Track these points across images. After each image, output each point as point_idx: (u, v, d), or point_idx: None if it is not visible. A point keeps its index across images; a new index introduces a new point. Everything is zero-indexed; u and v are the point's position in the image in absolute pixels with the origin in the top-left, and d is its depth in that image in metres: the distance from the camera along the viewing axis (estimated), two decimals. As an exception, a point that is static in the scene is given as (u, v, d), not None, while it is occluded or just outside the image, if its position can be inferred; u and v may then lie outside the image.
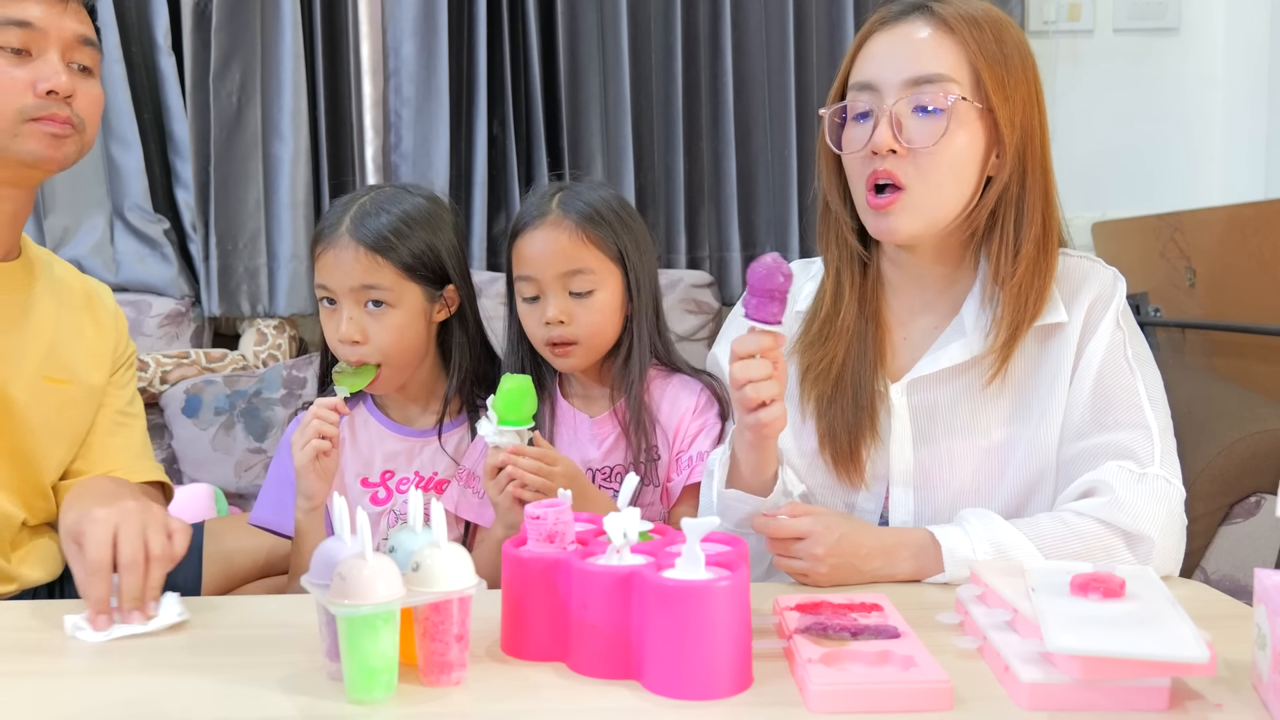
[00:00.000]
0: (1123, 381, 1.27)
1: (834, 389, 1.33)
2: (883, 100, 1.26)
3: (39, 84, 1.34)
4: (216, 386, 2.27)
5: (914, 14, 1.28)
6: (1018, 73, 1.26)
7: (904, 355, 1.36)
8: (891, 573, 1.22)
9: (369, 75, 2.54)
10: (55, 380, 1.47)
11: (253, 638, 1.09)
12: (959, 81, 1.25)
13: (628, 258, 1.50)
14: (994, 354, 1.28)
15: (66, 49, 1.38)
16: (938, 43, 1.26)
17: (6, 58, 1.34)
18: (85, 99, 1.39)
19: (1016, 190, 1.28)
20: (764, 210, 2.65)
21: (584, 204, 1.49)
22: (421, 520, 1.01)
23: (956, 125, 1.24)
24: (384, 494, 1.57)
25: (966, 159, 1.26)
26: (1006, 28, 1.28)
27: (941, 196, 1.26)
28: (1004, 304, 1.28)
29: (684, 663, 0.91)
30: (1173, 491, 1.24)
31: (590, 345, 1.50)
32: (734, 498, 1.28)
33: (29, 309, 1.47)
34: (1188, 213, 2.38)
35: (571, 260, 1.47)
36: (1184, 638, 0.87)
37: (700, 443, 1.52)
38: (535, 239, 1.49)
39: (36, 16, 1.35)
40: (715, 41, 2.60)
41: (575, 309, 1.48)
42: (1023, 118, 1.27)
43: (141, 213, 2.44)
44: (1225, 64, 2.80)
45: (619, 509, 0.99)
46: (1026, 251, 1.27)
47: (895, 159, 1.24)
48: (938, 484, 1.31)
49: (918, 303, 1.36)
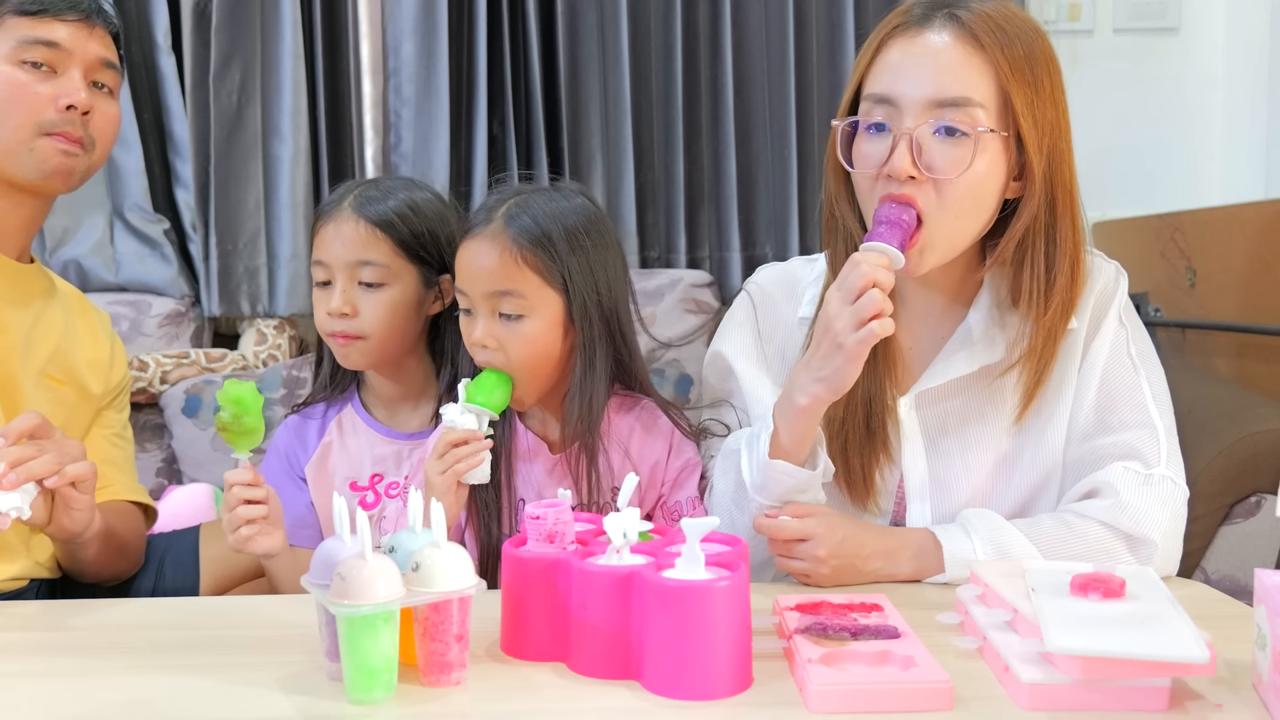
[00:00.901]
0: (1127, 380, 1.26)
1: (844, 411, 1.28)
2: (902, 119, 1.17)
3: (60, 99, 1.41)
4: (216, 387, 2.27)
5: (939, 20, 1.19)
6: (1046, 93, 1.19)
7: (912, 365, 1.32)
8: (893, 573, 1.21)
9: (369, 75, 2.53)
10: (55, 380, 1.51)
11: (253, 638, 1.09)
12: (986, 106, 1.17)
13: (571, 283, 1.35)
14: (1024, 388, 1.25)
15: (89, 69, 1.45)
16: (965, 59, 1.17)
17: (31, 73, 1.42)
18: (102, 117, 1.46)
19: (1046, 219, 1.21)
20: (764, 210, 2.64)
21: (530, 220, 1.34)
22: (421, 520, 1.01)
23: (980, 152, 1.16)
24: (372, 498, 1.56)
25: (988, 187, 1.19)
26: (1036, 40, 1.20)
27: (961, 226, 1.20)
28: (1039, 337, 1.23)
29: (684, 663, 0.91)
30: (1178, 493, 1.23)
31: (523, 379, 1.36)
32: (780, 469, 1.20)
33: (43, 311, 1.52)
34: (1188, 213, 2.38)
35: (499, 281, 1.33)
36: (1184, 638, 0.87)
37: (688, 487, 1.42)
38: (469, 250, 1.36)
39: (63, 37, 1.43)
40: (715, 41, 2.60)
41: (503, 334, 1.34)
42: (1050, 141, 1.19)
43: (141, 213, 2.44)
44: (1225, 64, 2.80)
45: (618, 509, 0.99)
46: (1060, 285, 1.22)
47: (913, 184, 1.17)
48: (952, 494, 1.29)
49: (924, 312, 1.32)
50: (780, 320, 1.40)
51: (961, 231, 1.21)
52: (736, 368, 1.40)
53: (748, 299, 1.44)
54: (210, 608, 1.18)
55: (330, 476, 1.57)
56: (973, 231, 1.22)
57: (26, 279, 1.52)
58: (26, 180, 1.43)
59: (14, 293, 1.49)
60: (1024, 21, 1.21)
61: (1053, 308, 1.23)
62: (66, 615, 1.21)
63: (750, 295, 1.44)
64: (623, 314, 1.42)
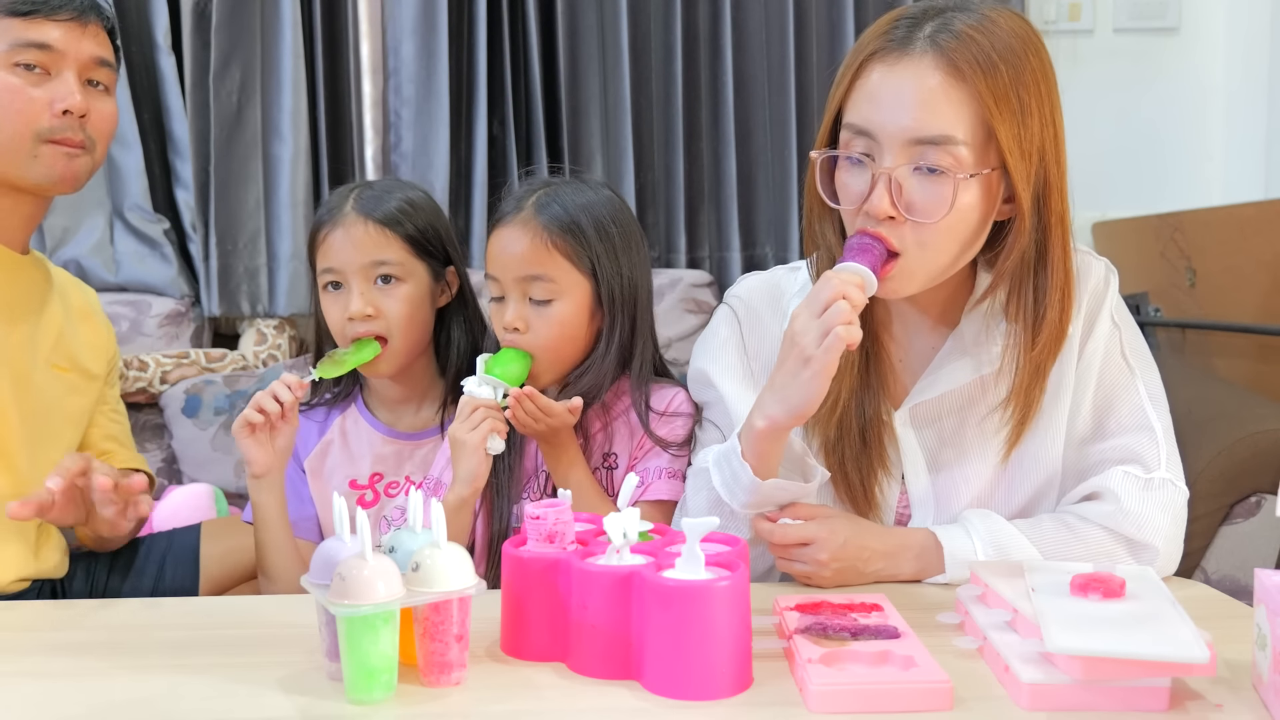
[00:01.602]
0: (1123, 382, 1.25)
1: (840, 427, 1.25)
2: (882, 156, 1.13)
3: (55, 104, 1.40)
4: (216, 386, 2.27)
5: (919, 50, 1.12)
6: (1034, 121, 1.12)
7: (904, 378, 1.30)
8: (894, 573, 1.21)
9: (369, 75, 2.54)
10: (60, 369, 1.54)
11: (253, 638, 1.09)
12: (968, 143, 1.11)
13: (600, 270, 1.40)
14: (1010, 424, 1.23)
15: (83, 69, 1.44)
16: (945, 94, 1.11)
17: (25, 77, 1.40)
18: (98, 116, 1.46)
19: (1034, 252, 1.17)
20: (764, 210, 2.64)
21: (560, 208, 1.40)
22: (421, 520, 1.01)
23: (962, 192, 1.12)
24: (371, 496, 1.56)
25: (971, 222, 1.15)
26: (1026, 61, 1.13)
27: (940, 262, 1.17)
28: (1027, 371, 1.20)
29: (684, 663, 0.91)
30: (1178, 496, 1.23)
31: (546, 359, 1.41)
32: (773, 487, 1.17)
33: (45, 302, 1.54)
34: (1188, 213, 2.38)
35: (530, 265, 1.38)
36: (1184, 638, 0.87)
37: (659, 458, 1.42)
38: (501, 237, 1.41)
39: (56, 38, 1.41)
40: (715, 41, 2.60)
41: (533, 317, 1.39)
42: (1038, 168, 1.14)
43: (141, 213, 2.44)
44: (1225, 64, 2.80)
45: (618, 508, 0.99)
46: (1050, 319, 1.18)
47: (892, 224, 1.13)
48: (954, 503, 1.27)
49: (915, 324, 1.29)
50: (766, 334, 1.36)
51: (944, 265, 1.18)
52: (723, 389, 1.36)
53: (731, 314, 1.39)
54: (210, 608, 1.18)
55: (329, 474, 1.57)
56: (957, 262, 1.19)
57: (28, 271, 1.53)
58: (34, 185, 1.44)
59: (17, 286, 1.50)
60: (1012, 37, 1.13)
61: (1041, 343, 1.19)
62: (66, 615, 1.21)
63: (734, 310, 1.39)
64: (645, 302, 1.47)
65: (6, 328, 1.46)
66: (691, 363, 1.43)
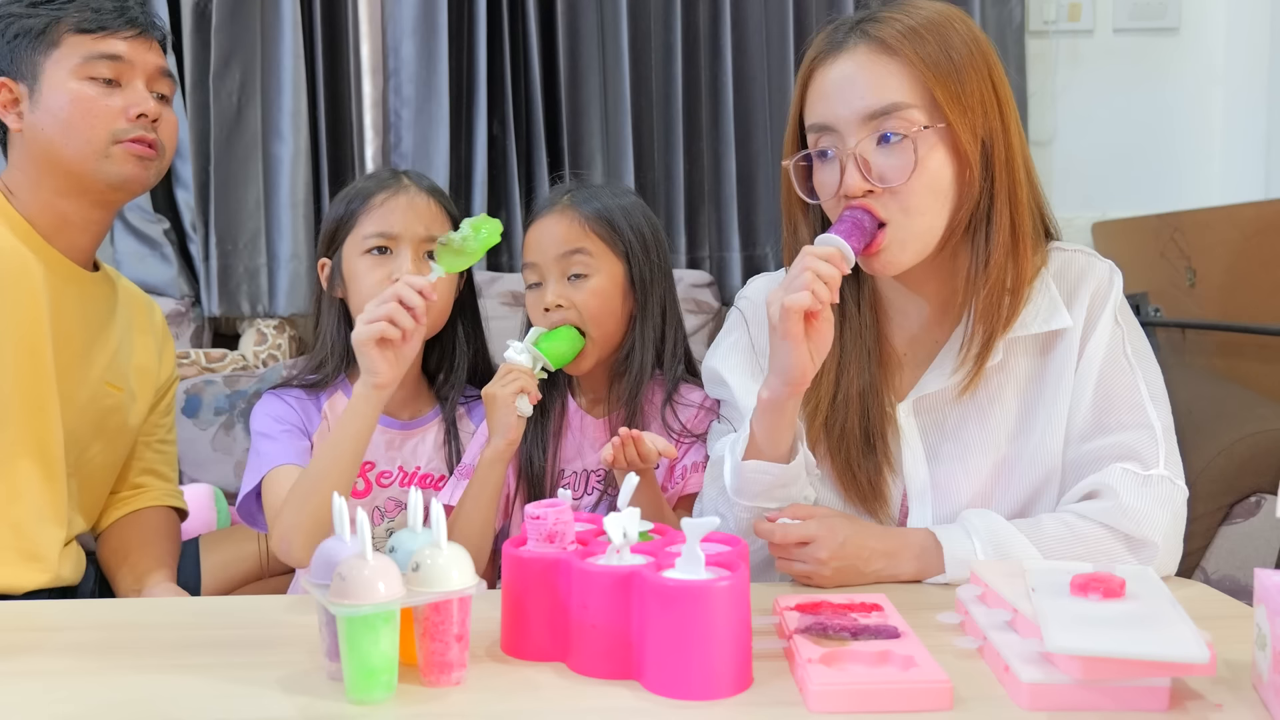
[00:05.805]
0: (1124, 380, 1.26)
1: (844, 418, 1.29)
2: (844, 141, 1.22)
3: (130, 109, 1.48)
4: (216, 386, 2.27)
5: (851, 40, 1.24)
6: (970, 79, 1.21)
7: (908, 371, 1.33)
8: (894, 573, 1.21)
9: (369, 75, 2.54)
10: (113, 386, 1.59)
11: (253, 638, 1.09)
12: (916, 105, 1.20)
13: (632, 254, 1.51)
14: (967, 365, 1.26)
15: (150, 79, 1.52)
16: (883, 68, 1.21)
17: (99, 88, 1.48)
18: (166, 124, 1.53)
19: (986, 203, 1.24)
20: (764, 210, 2.65)
21: (596, 203, 1.51)
22: (421, 520, 1.01)
23: (925, 151, 1.20)
24: (362, 485, 1.56)
25: (943, 182, 1.22)
26: (950, 29, 1.23)
27: (926, 224, 1.23)
28: (976, 315, 1.25)
29: (684, 663, 0.91)
30: (1176, 493, 1.23)
31: (592, 334, 1.48)
32: (753, 469, 1.22)
33: (107, 321, 1.59)
34: (1188, 213, 2.38)
35: (569, 241, 1.48)
36: (1184, 638, 0.87)
37: (693, 453, 1.50)
38: (539, 227, 1.51)
39: (124, 50, 1.50)
40: (715, 41, 2.61)
41: (572, 293, 1.48)
42: (983, 124, 1.22)
43: (141, 213, 2.44)
44: (1225, 64, 2.80)
45: (620, 508, 1.00)
46: (996, 260, 1.24)
47: (872, 198, 1.21)
48: (953, 498, 1.29)
49: (917, 317, 1.33)
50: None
51: (928, 228, 1.24)
52: (733, 385, 1.40)
53: (740, 317, 1.45)
54: (210, 608, 1.18)
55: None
56: (939, 224, 1.24)
57: (94, 288, 1.57)
58: (107, 184, 1.48)
59: (82, 303, 1.54)
60: (933, 12, 1.24)
61: (991, 283, 1.24)
62: (66, 615, 1.21)
63: (742, 312, 1.45)
64: (674, 296, 1.57)
65: (66, 344, 1.50)
66: (704, 362, 1.49)
